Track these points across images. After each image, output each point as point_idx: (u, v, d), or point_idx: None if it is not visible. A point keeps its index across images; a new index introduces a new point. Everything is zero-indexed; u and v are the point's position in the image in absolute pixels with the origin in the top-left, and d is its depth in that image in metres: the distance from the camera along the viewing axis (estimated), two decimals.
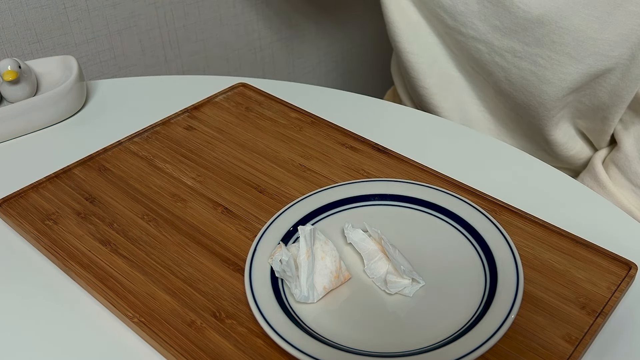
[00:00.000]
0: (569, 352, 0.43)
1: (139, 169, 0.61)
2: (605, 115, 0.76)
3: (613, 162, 0.78)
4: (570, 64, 0.71)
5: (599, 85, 0.73)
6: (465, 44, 0.78)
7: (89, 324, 0.47)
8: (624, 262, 0.50)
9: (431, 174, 0.59)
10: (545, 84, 0.74)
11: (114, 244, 0.53)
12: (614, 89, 0.73)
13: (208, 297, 0.48)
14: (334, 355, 0.41)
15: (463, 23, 0.76)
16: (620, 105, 0.74)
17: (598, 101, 0.75)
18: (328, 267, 0.47)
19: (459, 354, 0.41)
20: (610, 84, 0.72)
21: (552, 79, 0.73)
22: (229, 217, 0.55)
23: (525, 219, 0.54)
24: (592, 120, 0.79)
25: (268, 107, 0.71)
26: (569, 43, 0.70)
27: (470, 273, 0.48)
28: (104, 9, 0.98)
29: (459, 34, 0.78)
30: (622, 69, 0.71)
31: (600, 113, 0.76)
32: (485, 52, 0.77)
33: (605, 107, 0.75)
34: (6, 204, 0.57)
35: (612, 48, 0.69)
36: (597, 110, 0.76)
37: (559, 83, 0.73)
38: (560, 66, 0.72)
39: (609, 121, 0.76)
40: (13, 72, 0.68)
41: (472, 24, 0.76)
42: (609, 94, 0.73)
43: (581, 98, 0.76)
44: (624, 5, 0.67)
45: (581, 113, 0.78)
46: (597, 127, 0.79)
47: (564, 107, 0.77)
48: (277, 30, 1.25)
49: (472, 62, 0.80)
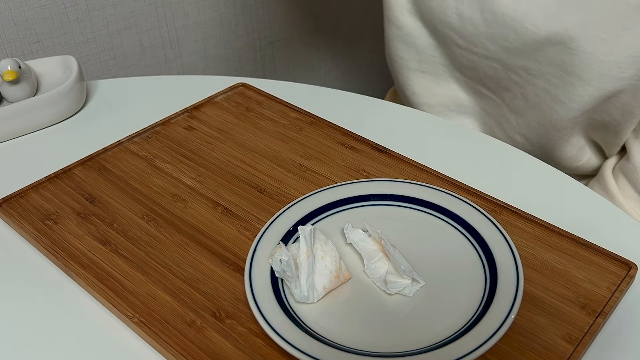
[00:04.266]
0: (569, 352, 0.43)
1: (139, 169, 0.61)
2: (618, 130, 0.75)
3: (622, 172, 0.77)
4: (580, 85, 0.70)
5: (610, 104, 0.72)
6: (479, 62, 0.78)
7: (89, 324, 0.47)
8: (624, 262, 0.50)
9: (431, 174, 0.59)
10: (557, 104, 0.73)
11: (114, 244, 0.53)
12: (625, 107, 0.71)
13: (208, 297, 0.48)
14: (334, 355, 0.41)
15: (474, 43, 0.76)
16: (632, 120, 0.72)
17: (609, 117, 0.74)
18: (328, 267, 0.47)
19: (459, 354, 0.41)
20: (622, 102, 0.71)
21: (564, 99, 0.72)
22: (229, 217, 0.55)
23: (525, 219, 0.54)
24: (603, 133, 0.77)
25: (268, 107, 0.71)
26: (578, 64, 0.69)
27: (470, 273, 0.48)
28: (104, 9, 0.98)
29: (471, 54, 0.77)
30: (633, 89, 0.69)
31: (612, 128, 0.75)
32: (501, 70, 0.76)
33: (617, 123, 0.74)
34: (6, 204, 0.57)
35: (622, 70, 0.68)
36: (608, 126, 0.75)
37: (570, 104, 0.72)
38: (572, 87, 0.71)
39: (621, 135, 0.75)
40: (13, 72, 0.68)
41: (482, 44, 0.75)
42: (621, 111, 0.72)
43: (592, 115, 0.74)
44: (632, 28, 0.65)
45: (592, 127, 0.77)
46: (609, 140, 0.78)
47: (574, 127, 0.76)
48: (277, 30, 1.25)
49: (487, 79, 0.80)
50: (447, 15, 0.76)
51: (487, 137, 0.68)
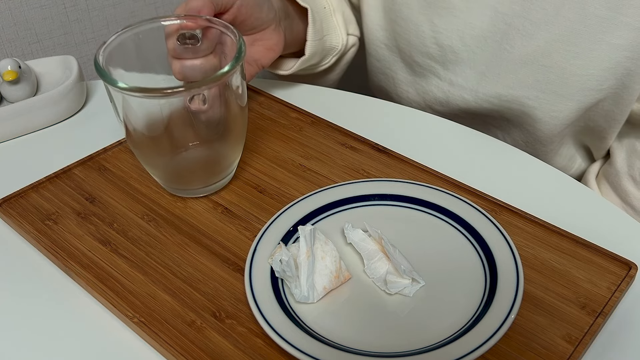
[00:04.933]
0: (569, 352, 0.43)
1: (139, 169, 0.61)
2: (603, 136, 0.74)
3: (605, 177, 0.76)
4: (559, 102, 0.69)
5: (592, 112, 0.71)
6: (453, 94, 0.76)
7: (89, 324, 0.47)
8: (624, 262, 0.50)
9: (431, 174, 0.59)
10: (538, 123, 0.72)
11: (114, 244, 0.53)
12: (608, 114, 0.70)
13: (208, 297, 0.48)
14: (334, 355, 0.41)
15: (455, 72, 0.74)
16: (616, 126, 0.72)
17: (594, 124, 0.73)
18: (328, 267, 0.47)
19: (459, 354, 0.41)
20: (604, 109, 0.70)
21: (544, 117, 0.71)
22: (229, 217, 0.55)
23: (525, 219, 0.54)
24: (590, 137, 0.77)
25: (268, 107, 0.71)
26: (554, 81, 0.68)
27: (470, 273, 0.48)
28: (104, 9, 0.98)
29: (449, 85, 0.76)
30: (614, 96, 0.68)
31: (597, 134, 0.74)
32: (472, 101, 0.75)
33: (602, 129, 0.73)
34: (6, 204, 0.57)
35: (600, 82, 0.66)
36: (594, 131, 0.74)
37: (551, 121, 0.71)
38: (550, 104, 0.70)
39: (607, 140, 0.74)
40: (13, 72, 0.68)
41: (463, 72, 0.74)
42: (604, 118, 0.71)
43: (577, 124, 0.74)
44: (606, 39, 0.63)
45: (579, 133, 0.77)
46: (596, 143, 0.77)
47: (561, 139, 0.76)
48: None
49: (462, 113, 0.78)
50: (426, 46, 0.74)
51: (487, 137, 0.67)
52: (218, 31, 0.54)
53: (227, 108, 0.53)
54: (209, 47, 0.55)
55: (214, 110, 0.52)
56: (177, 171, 0.56)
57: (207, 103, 0.51)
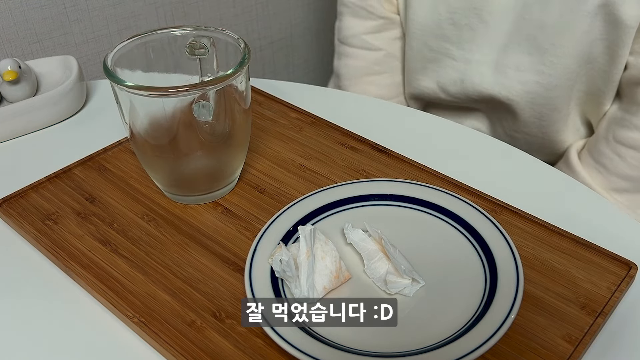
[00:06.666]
0: (569, 352, 0.43)
1: (139, 169, 0.61)
2: (601, 101, 0.81)
3: (586, 146, 0.83)
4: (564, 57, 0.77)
5: (590, 68, 0.78)
6: (470, 70, 0.85)
7: (89, 324, 0.47)
8: (624, 262, 0.50)
9: (431, 174, 0.59)
10: (552, 90, 0.80)
11: (114, 244, 0.53)
12: (605, 74, 0.78)
13: (208, 297, 0.48)
14: (334, 355, 0.41)
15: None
16: (612, 87, 0.78)
17: (595, 87, 0.80)
18: (328, 267, 0.47)
19: (459, 354, 0.41)
20: (602, 69, 0.77)
21: (545, 74, 0.79)
22: (229, 217, 0.55)
23: (525, 219, 0.54)
24: (590, 106, 0.83)
25: (268, 107, 0.71)
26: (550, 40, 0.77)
27: (470, 273, 0.48)
28: (104, 9, 0.98)
29: (466, 63, 0.85)
30: (604, 55, 0.76)
31: (597, 99, 0.81)
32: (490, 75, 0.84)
33: (601, 93, 0.80)
34: (6, 204, 0.57)
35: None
36: (594, 97, 0.81)
37: (552, 80, 0.79)
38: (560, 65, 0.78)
39: (604, 105, 0.81)
40: (13, 72, 0.68)
41: (480, 49, 0.83)
42: (602, 78, 0.78)
43: (581, 88, 0.81)
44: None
45: (582, 102, 0.83)
46: (595, 112, 0.83)
47: (568, 104, 0.81)
48: (277, 30, 1.25)
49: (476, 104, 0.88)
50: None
51: (487, 137, 0.68)
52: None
53: (232, 115, 0.52)
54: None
55: (219, 120, 0.53)
56: (180, 177, 0.56)
57: (213, 114, 0.51)
